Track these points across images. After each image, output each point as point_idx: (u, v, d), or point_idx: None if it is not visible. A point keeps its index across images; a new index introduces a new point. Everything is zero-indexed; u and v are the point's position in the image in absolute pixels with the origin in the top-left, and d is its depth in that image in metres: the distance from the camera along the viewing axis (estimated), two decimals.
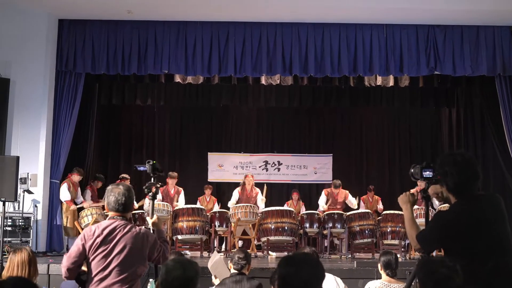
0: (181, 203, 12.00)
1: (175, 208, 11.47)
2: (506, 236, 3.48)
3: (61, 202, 11.47)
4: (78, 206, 11.50)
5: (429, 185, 3.94)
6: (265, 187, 12.41)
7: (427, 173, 3.96)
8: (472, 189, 3.55)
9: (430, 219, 3.88)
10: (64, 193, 11.46)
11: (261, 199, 12.16)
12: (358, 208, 12.48)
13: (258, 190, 12.37)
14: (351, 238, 11.37)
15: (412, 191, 11.85)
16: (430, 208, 4.20)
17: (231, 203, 12.17)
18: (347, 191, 12.61)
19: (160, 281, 3.55)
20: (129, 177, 12.42)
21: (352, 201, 12.50)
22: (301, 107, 15.07)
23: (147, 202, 11.58)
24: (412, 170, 4.06)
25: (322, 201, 12.55)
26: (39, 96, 11.31)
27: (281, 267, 3.06)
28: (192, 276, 3.49)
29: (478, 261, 3.38)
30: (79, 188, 11.81)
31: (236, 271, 5.27)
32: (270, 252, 11.35)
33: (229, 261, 5.50)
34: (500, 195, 3.70)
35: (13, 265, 4.78)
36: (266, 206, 12.00)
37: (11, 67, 11.23)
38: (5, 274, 4.83)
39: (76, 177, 11.68)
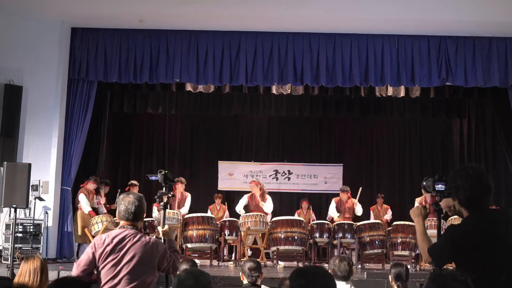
0: (186, 208, 11.98)
1: (185, 216, 11.45)
2: None
3: (74, 209, 11.53)
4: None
5: (442, 198, 3.93)
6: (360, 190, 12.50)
7: (440, 186, 3.95)
8: (484, 203, 3.53)
9: (442, 232, 3.87)
10: (85, 205, 11.53)
11: (267, 208, 12.10)
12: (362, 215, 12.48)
13: (268, 196, 12.32)
14: (361, 249, 11.33)
15: (416, 201, 11.75)
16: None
17: (238, 207, 12.16)
18: (355, 200, 12.55)
19: None
20: (138, 184, 12.46)
21: (358, 209, 12.42)
22: (312, 117, 15.07)
23: (155, 210, 11.60)
24: (424, 183, 4.05)
25: (332, 210, 12.50)
26: (51, 104, 11.38)
27: (292, 279, 3.06)
28: (205, 286, 3.50)
29: (490, 275, 3.36)
30: (94, 196, 11.85)
31: (249, 283, 5.25)
32: (279, 262, 11.30)
33: (240, 272, 5.47)
34: None
35: (25, 272, 4.80)
36: (275, 216, 11.99)
37: (23, 74, 11.30)
38: (17, 280, 4.86)
39: (91, 185, 11.73)
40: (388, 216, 12.94)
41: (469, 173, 3.55)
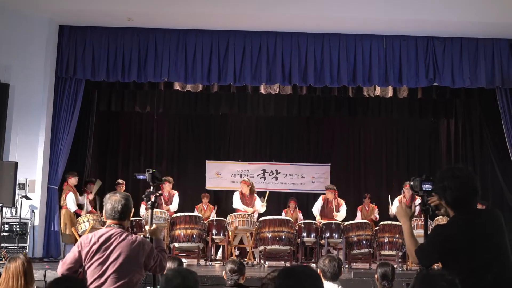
0: (174, 205, 11.99)
1: (172, 215, 11.43)
2: (505, 250, 3.48)
3: (59, 208, 11.48)
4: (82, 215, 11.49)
5: (428, 198, 3.94)
6: (267, 193, 12.42)
7: (427, 186, 3.97)
8: (471, 203, 3.56)
9: (429, 232, 3.89)
10: (71, 204, 11.50)
11: (260, 205, 12.15)
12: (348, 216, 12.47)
13: (256, 196, 12.37)
14: (348, 248, 11.36)
15: (396, 200, 11.74)
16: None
17: (236, 203, 12.17)
18: (343, 201, 12.52)
19: None
20: (123, 182, 12.45)
21: (341, 212, 12.30)
22: (300, 117, 15.09)
23: (143, 207, 11.60)
24: (411, 183, 4.07)
25: (316, 208, 12.51)
26: (38, 102, 11.31)
27: (280, 279, 3.05)
28: (192, 285, 3.50)
29: (476, 275, 3.37)
30: (77, 194, 11.81)
31: (230, 285, 5.26)
32: (261, 261, 11.28)
33: (223, 272, 5.49)
34: (498, 208, 3.71)
35: (8, 275, 4.74)
36: (264, 215, 12.00)
37: (11, 72, 11.24)
38: (1, 283, 4.82)
39: (73, 180, 11.69)
40: (376, 215, 12.95)
41: (456, 174, 3.57)
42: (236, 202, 12.14)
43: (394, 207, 12.01)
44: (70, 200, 11.50)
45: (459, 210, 3.55)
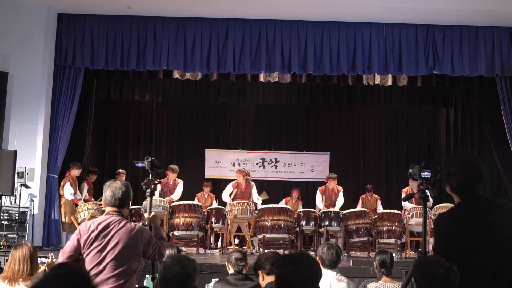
0: (177, 194, 11.99)
1: (172, 204, 11.42)
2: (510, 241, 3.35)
3: (59, 197, 11.49)
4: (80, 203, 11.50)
5: (427, 186, 3.92)
6: (265, 194, 12.37)
7: (426, 174, 3.95)
8: (476, 189, 3.45)
9: (428, 220, 3.86)
10: (68, 193, 11.50)
11: (257, 198, 12.14)
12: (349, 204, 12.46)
13: (253, 183, 12.37)
14: (347, 237, 11.38)
15: (403, 192, 11.70)
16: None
17: (224, 195, 12.19)
18: (341, 188, 12.50)
19: (159, 278, 3.56)
20: (124, 172, 12.49)
21: (339, 199, 12.28)
22: (299, 105, 15.07)
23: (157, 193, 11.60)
24: (410, 170, 4.04)
25: (318, 200, 12.47)
26: (37, 90, 11.30)
27: (279, 266, 3.06)
28: (190, 272, 3.51)
29: (477, 262, 3.28)
30: (77, 186, 11.82)
31: (236, 272, 5.26)
32: (260, 250, 11.30)
33: (226, 262, 5.48)
34: (497, 196, 3.64)
35: (15, 260, 4.88)
36: (263, 203, 12.02)
37: (9, 60, 11.21)
38: (7, 269, 4.92)
39: (75, 172, 11.69)
40: (379, 207, 12.86)
41: (462, 159, 3.47)
42: (225, 195, 12.15)
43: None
44: (66, 190, 11.51)
45: (464, 196, 3.45)
